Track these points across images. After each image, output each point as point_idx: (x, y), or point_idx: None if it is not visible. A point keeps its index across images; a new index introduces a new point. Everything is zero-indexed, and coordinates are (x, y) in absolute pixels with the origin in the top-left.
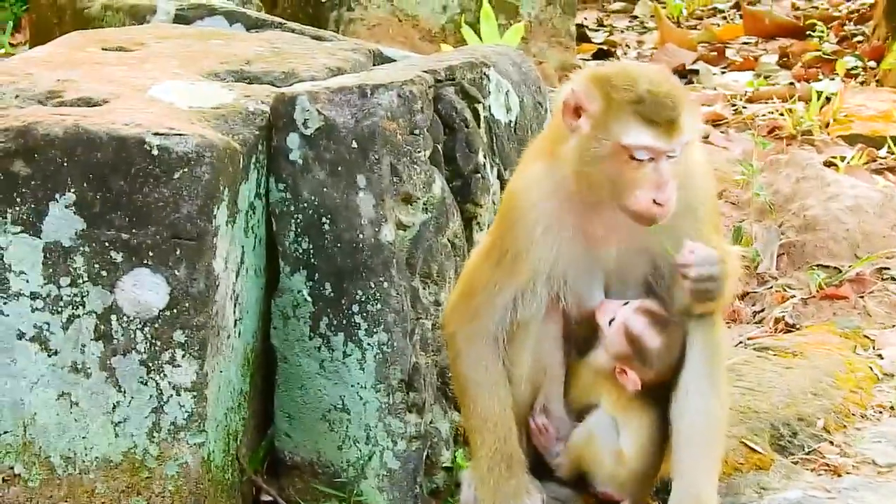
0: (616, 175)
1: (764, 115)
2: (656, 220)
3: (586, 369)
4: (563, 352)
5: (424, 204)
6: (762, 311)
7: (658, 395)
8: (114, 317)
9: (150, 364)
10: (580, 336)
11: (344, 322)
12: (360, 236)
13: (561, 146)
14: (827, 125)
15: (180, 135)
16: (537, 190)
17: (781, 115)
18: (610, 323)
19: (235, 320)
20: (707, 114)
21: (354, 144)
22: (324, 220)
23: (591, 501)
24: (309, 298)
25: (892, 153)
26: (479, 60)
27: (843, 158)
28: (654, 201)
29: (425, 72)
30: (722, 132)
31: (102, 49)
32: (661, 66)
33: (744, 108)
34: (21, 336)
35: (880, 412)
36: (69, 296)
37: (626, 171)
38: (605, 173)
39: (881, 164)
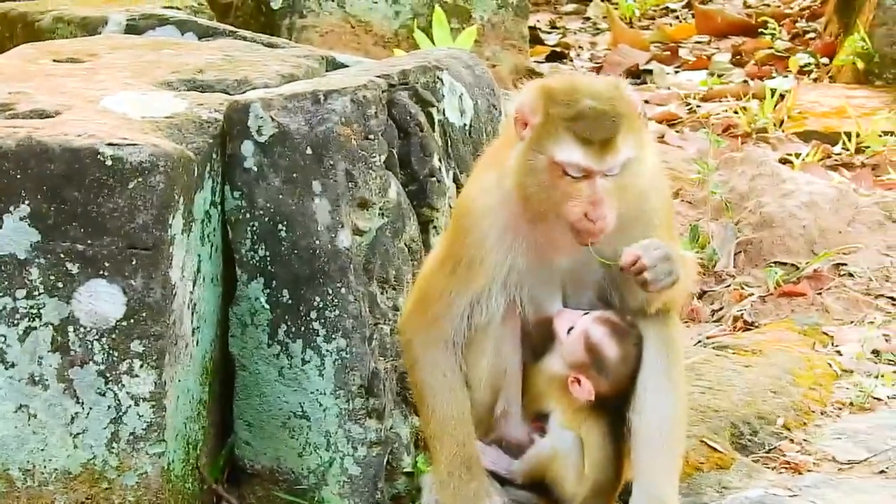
0: (552, 189)
1: (718, 114)
2: (593, 237)
3: (540, 376)
4: (521, 356)
5: (380, 209)
6: (720, 309)
7: (611, 404)
8: (71, 328)
9: (108, 375)
10: (538, 341)
11: (302, 329)
12: (317, 242)
13: (503, 166)
14: (781, 122)
15: (134, 145)
16: (489, 198)
17: (736, 113)
18: (569, 332)
19: (193, 329)
20: (661, 113)
21: (309, 151)
22: (280, 227)
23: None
24: (267, 306)
25: (847, 149)
26: (432, 64)
27: (798, 155)
28: (587, 217)
29: (378, 77)
30: (677, 131)
31: (54, 61)
32: (616, 78)
33: (698, 107)
34: None
35: (840, 409)
36: (25, 308)
37: (561, 186)
38: (542, 187)
39: (836, 160)
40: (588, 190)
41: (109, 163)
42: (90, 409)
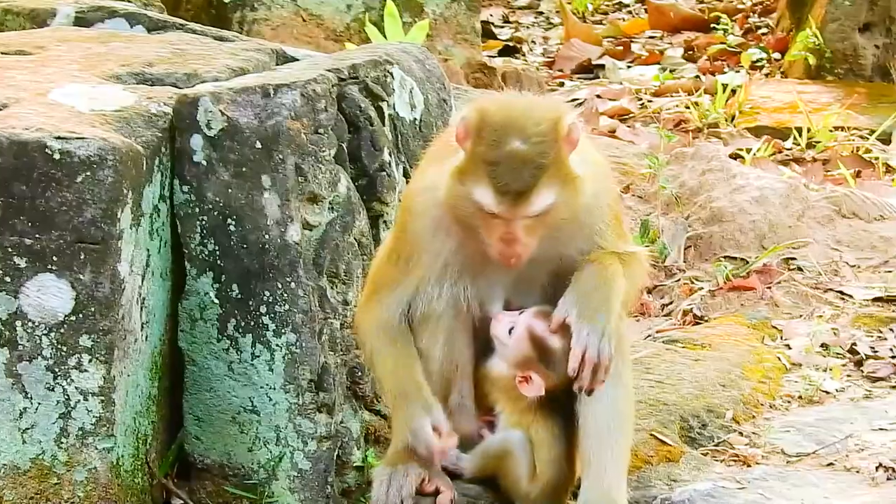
0: (473, 217)
1: (670, 109)
2: (510, 267)
3: (486, 379)
4: (472, 349)
5: (330, 203)
6: (670, 303)
7: (556, 403)
8: (19, 323)
9: (57, 369)
10: (485, 340)
11: (252, 323)
12: (267, 237)
13: (448, 161)
14: (733, 118)
15: (82, 138)
16: (428, 196)
17: (687, 108)
18: (510, 331)
19: (142, 324)
20: (613, 108)
21: (258, 145)
22: (229, 221)
23: (499, 497)
24: (216, 300)
25: (798, 144)
26: (383, 58)
27: (749, 150)
28: (500, 254)
29: (328, 70)
30: (628, 126)
31: (2, 53)
32: (558, 106)
33: (650, 101)
34: None
35: (789, 402)
36: None
37: (481, 217)
38: (465, 212)
39: (787, 155)
40: (503, 228)
41: (57, 156)
42: (39, 404)
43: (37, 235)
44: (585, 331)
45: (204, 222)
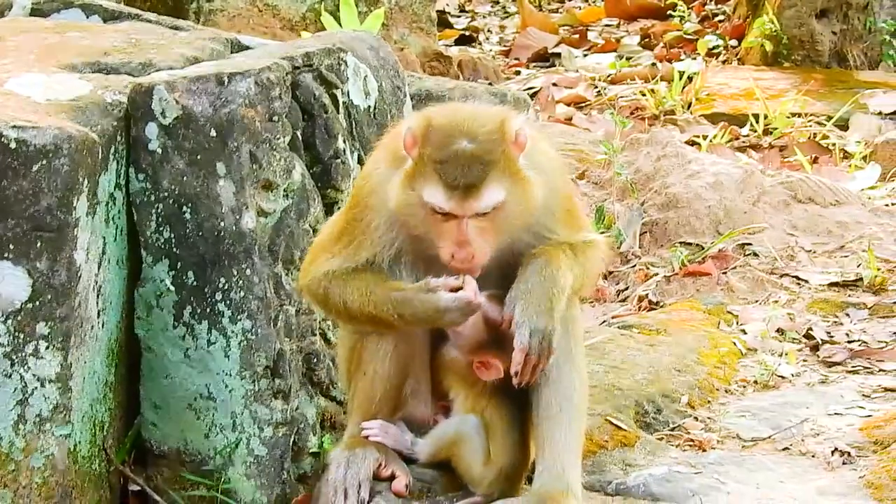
0: (425, 222)
1: (626, 97)
2: (464, 272)
3: (441, 365)
4: (428, 335)
5: (285, 190)
6: (626, 289)
7: (510, 388)
8: None
9: (14, 357)
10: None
11: (207, 310)
12: (222, 224)
13: (401, 163)
14: (689, 105)
15: (37, 127)
16: (380, 190)
17: (644, 95)
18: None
19: (99, 311)
20: (570, 96)
21: (213, 133)
22: (184, 209)
23: (454, 482)
24: (172, 288)
25: (755, 131)
26: (337, 46)
27: (705, 137)
28: (454, 257)
29: (282, 59)
30: (585, 114)
31: None
32: (505, 111)
33: (606, 89)
34: None
35: (744, 387)
36: None
37: (433, 222)
38: (417, 218)
39: (744, 141)
40: (455, 230)
41: (13, 145)
42: None
43: None
44: (527, 330)
45: (159, 210)
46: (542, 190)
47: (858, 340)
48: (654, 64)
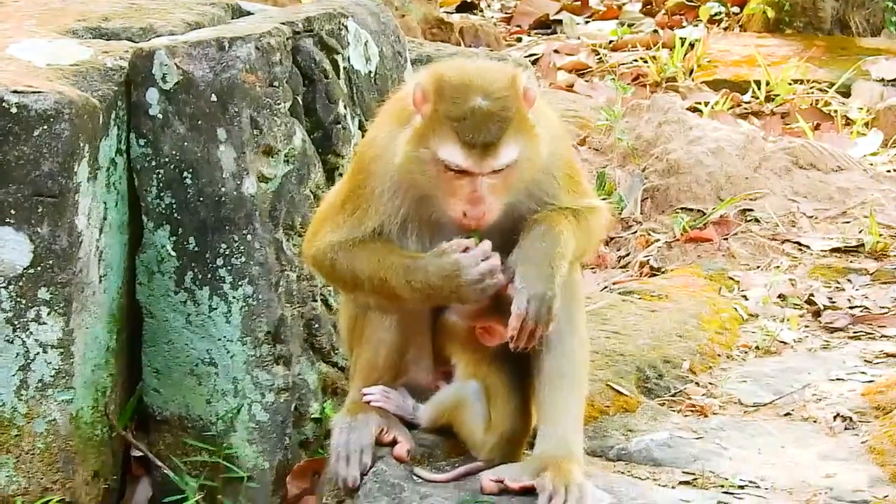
0: (436, 181)
1: (628, 64)
2: (472, 228)
3: (443, 331)
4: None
5: (286, 156)
6: (627, 255)
7: (512, 354)
8: None
9: (16, 322)
10: None
11: (209, 276)
12: (223, 190)
13: (407, 123)
14: (691, 72)
15: (38, 92)
16: (385, 154)
17: (645, 62)
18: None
19: (100, 277)
20: (571, 63)
21: (214, 98)
22: (185, 174)
23: (456, 447)
24: (173, 253)
25: (757, 97)
26: (337, 11)
27: (707, 104)
28: (465, 214)
29: (283, 24)
30: (586, 81)
31: None
32: (513, 68)
33: (608, 56)
34: None
35: (745, 352)
36: None
37: (444, 180)
38: (427, 176)
39: (745, 108)
40: (469, 187)
41: (14, 110)
42: None
43: None
44: (525, 296)
45: (160, 175)
46: (546, 148)
47: (860, 306)
48: (655, 31)
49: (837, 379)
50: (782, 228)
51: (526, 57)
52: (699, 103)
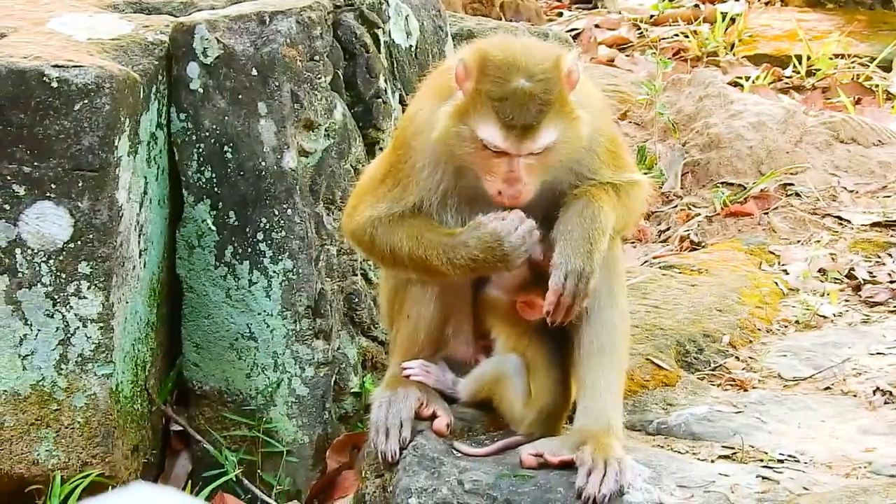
0: (474, 156)
1: (669, 38)
2: (508, 206)
3: (484, 305)
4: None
5: (326, 130)
6: (667, 230)
7: (552, 328)
8: (18, 250)
9: (56, 296)
10: None
11: (249, 250)
12: (263, 164)
13: (448, 98)
14: (732, 46)
15: (79, 66)
16: (426, 129)
17: (686, 37)
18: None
19: (140, 251)
20: (612, 38)
21: (254, 72)
22: (226, 148)
23: (495, 421)
24: (213, 227)
25: (798, 72)
26: None
27: (748, 78)
28: (501, 193)
29: None
30: (627, 56)
31: None
32: (559, 47)
33: (649, 31)
34: None
35: (785, 326)
36: None
37: (483, 157)
38: (465, 152)
39: (786, 83)
40: (506, 167)
41: (55, 85)
42: (38, 330)
43: (35, 163)
44: (563, 271)
45: (201, 150)
46: (588, 126)
47: None
48: (696, 5)
49: (877, 353)
50: (823, 203)
51: (567, 32)
52: (740, 78)
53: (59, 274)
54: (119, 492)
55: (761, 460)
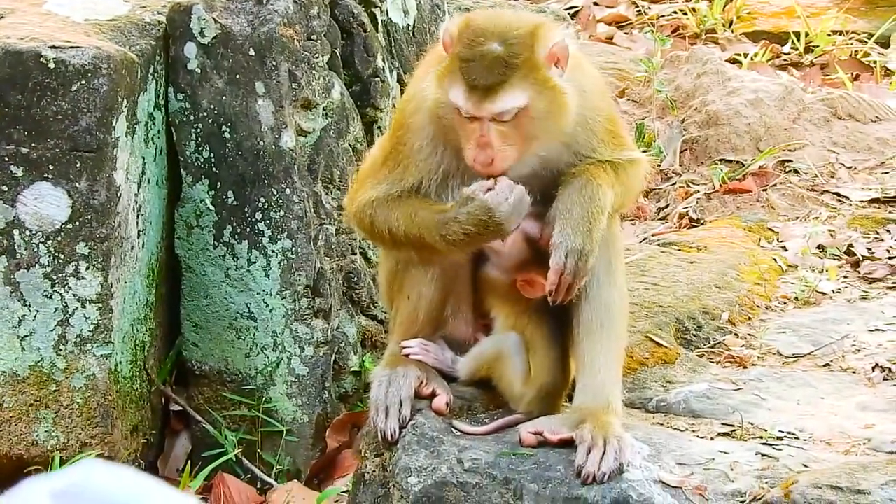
0: (451, 121)
1: (667, 15)
2: (485, 176)
3: (483, 284)
4: (473, 254)
5: (324, 109)
6: (666, 207)
7: (552, 307)
8: (16, 231)
9: (55, 277)
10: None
11: (248, 230)
12: (261, 143)
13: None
14: (730, 23)
15: (77, 47)
16: (423, 106)
17: (685, 14)
18: (503, 240)
19: (139, 231)
20: (611, 15)
21: (252, 52)
22: (224, 128)
23: (494, 400)
24: (212, 207)
25: (796, 49)
26: None
27: (746, 55)
28: (475, 160)
29: None
30: (625, 33)
31: None
32: (544, 18)
33: (647, 8)
34: None
35: (784, 303)
36: None
37: (460, 123)
38: (447, 118)
39: (785, 60)
40: (478, 132)
41: (52, 66)
42: (37, 311)
43: (33, 144)
44: (563, 250)
45: (199, 130)
46: (577, 103)
47: None
48: None
49: (876, 329)
50: (821, 179)
51: (565, 9)
52: (738, 55)
53: (57, 255)
54: (70, 469)
55: (760, 437)
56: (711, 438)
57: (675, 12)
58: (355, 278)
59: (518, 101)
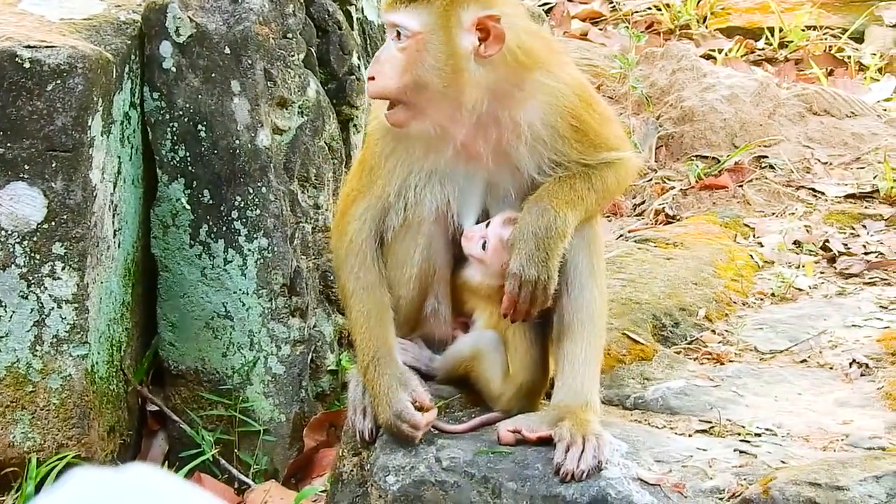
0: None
1: (641, 12)
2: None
3: (464, 287)
4: (451, 254)
5: (300, 107)
6: (642, 203)
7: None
8: None
9: (31, 278)
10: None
11: (224, 229)
12: (237, 142)
13: None
14: (704, 19)
15: (52, 47)
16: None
17: (659, 10)
18: (483, 246)
19: (115, 231)
20: (585, 11)
21: (227, 50)
22: (200, 127)
23: (473, 398)
24: (188, 206)
25: (770, 44)
26: None
27: (721, 51)
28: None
29: None
30: (600, 29)
31: None
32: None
33: (621, 4)
34: None
35: (761, 299)
36: None
37: None
38: None
39: (759, 55)
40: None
41: (28, 65)
42: (13, 312)
43: (8, 144)
44: (517, 281)
45: (174, 129)
46: (548, 104)
47: (875, 252)
48: None
49: (853, 325)
50: (797, 175)
51: (540, 6)
52: (713, 50)
53: (33, 255)
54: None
55: (738, 434)
56: (689, 435)
57: (650, 8)
58: (331, 277)
59: (411, 23)
